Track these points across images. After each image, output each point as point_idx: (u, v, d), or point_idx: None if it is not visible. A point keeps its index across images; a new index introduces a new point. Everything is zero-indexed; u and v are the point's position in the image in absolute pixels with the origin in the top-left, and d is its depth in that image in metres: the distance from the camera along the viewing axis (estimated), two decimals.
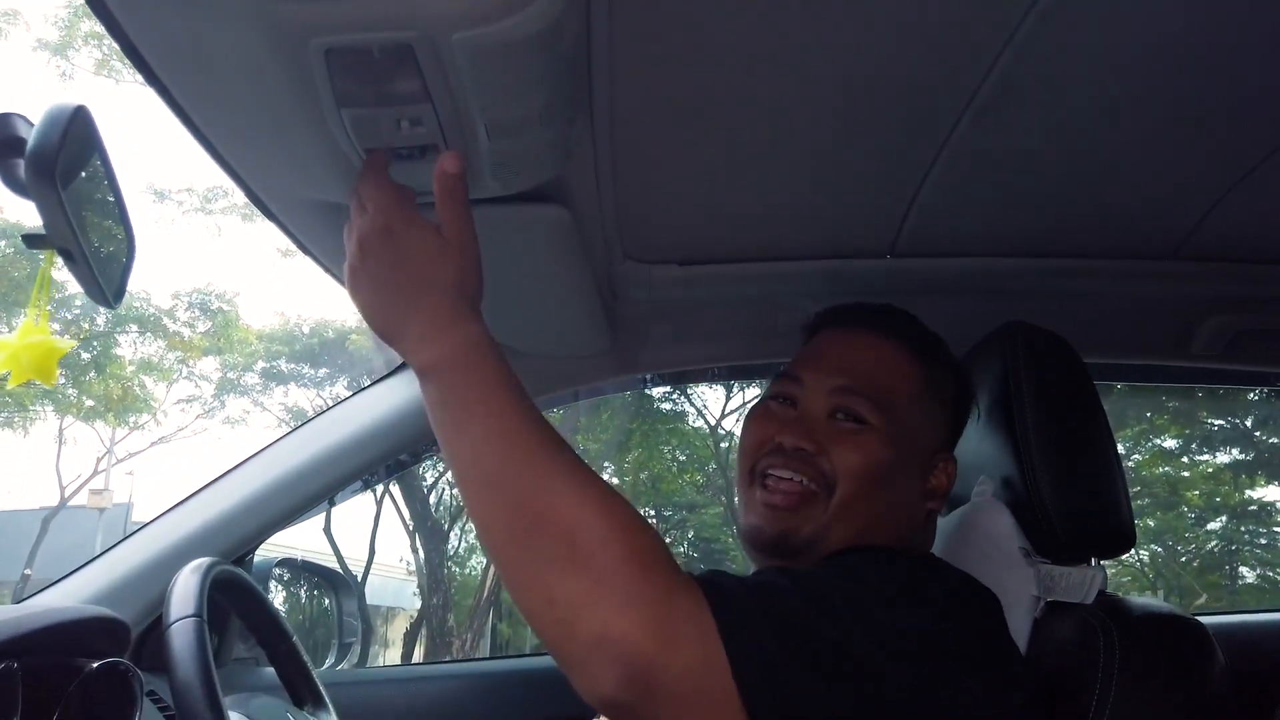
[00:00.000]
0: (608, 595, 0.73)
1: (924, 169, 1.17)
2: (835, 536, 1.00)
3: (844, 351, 1.09)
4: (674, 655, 0.73)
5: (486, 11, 0.74)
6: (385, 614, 14.39)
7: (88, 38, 11.16)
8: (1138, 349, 1.56)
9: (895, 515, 1.03)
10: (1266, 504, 10.86)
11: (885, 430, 1.02)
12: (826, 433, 1.02)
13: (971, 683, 0.84)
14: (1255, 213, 1.27)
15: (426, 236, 0.82)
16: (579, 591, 0.74)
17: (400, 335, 0.83)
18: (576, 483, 0.78)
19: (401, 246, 0.82)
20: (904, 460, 1.03)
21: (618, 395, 10.81)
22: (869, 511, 1.01)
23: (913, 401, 1.06)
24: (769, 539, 1.01)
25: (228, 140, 0.96)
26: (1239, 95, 1.03)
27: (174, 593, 1.05)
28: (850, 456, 1.00)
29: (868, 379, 1.04)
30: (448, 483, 11.83)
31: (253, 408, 12.89)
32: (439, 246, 0.82)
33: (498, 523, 0.78)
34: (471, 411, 0.80)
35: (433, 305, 0.81)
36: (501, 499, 0.78)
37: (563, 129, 0.94)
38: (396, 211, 0.83)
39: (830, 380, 1.05)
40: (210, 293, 12.19)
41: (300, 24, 0.74)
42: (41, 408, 11.99)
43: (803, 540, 1.00)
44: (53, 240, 0.82)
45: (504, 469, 0.78)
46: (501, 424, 0.79)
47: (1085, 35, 0.93)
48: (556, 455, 0.79)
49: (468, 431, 0.80)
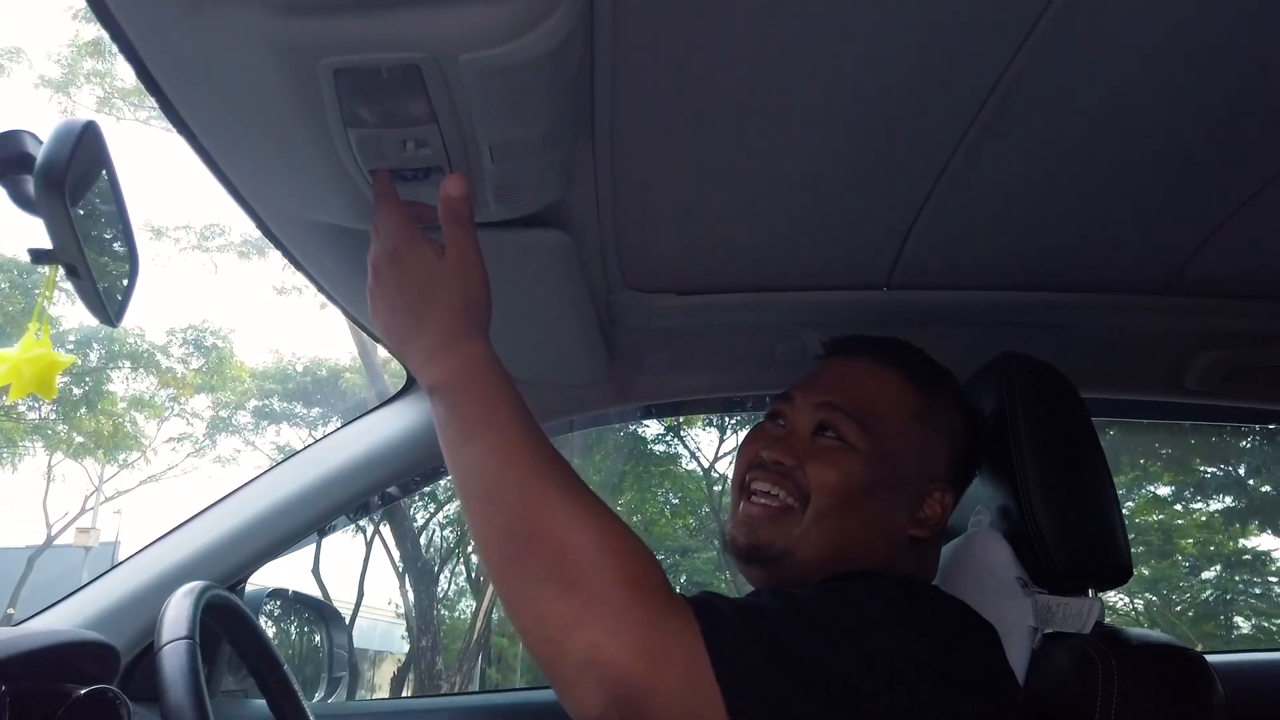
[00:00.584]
0: (597, 616, 0.74)
1: (919, 202, 1.18)
2: (810, 550, 1.01)
3: (838, 374, 1.11)
4: (662, 678, 0.73)
5: (494, 34, 0.75)
6: (373, 657, 14.19)
7: (90, 76, 11.27)
8: (1132, 384, 1.56)
9: (874, 537, 1.04)
10: (1261, 553, 10.83)
11: (869, 452, 1.03)
12: (807, 449, 1.05)
13: (966, 708, 0.83)
14: (1247, 248, 1.29)
15: (430, 258, 0.85)
16: (569, 611, 0.74)
17: (409, 353, 0.86)
18: (571, 502, 0.78)
19: (408, 268, 0.85)
20: (888, 484, 1.04)
21: (611, 436, 10.80)
22: (844, 529, 1.02)
23: (904, 428, 1.07)
24: (742, 548, 1.04)
25: (234, 161, 0.98)
26: (1231, 130, 1.05)
27: (166, 616, 1.05)
28: (826, 473, 1.02)
29: (855, 400, 1.06)
30: (438, 524, 11.76)
31: (244, 446, 12.82)
32: (443, 268, 0.85)
33: (494, 539, 0.79)
34: (472, 428, 0.81)
35: (438, 325, 0.84)
36: (498, 516, 0.79)
37: (565, 153, 0.95)
38: (404, 235, 0.86)
39: (817, 398, 1.07)
40: (205, 329, 12.20)
41: (310, 44, 0.75)
42: (31, 444, 11.91)
43: (776, 551, 1.02)
44: (59, 256, 0.83)
45: (501, 486, 0.79)
46: (500, 441, 0.80)
47: (1079, 70, 0.95)
48: (553, 474, 0.79)
49: (469, 447, 0.81)
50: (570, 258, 1.15)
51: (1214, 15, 0.89)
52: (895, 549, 1.05)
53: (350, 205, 0.98)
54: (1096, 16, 0.88)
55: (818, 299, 1.41)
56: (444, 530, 11.88)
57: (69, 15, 11.62)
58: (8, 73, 11.20)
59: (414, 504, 11.26)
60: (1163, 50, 0.93)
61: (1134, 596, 11.17)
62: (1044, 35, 0.89)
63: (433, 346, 0.84)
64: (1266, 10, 0.88)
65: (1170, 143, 1.08)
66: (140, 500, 15.96)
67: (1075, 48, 0.91)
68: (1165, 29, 0.90)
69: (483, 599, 10.88)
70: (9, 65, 11.14)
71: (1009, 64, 0.93)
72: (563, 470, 0.80)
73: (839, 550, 1.01)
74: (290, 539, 1.53)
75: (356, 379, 11.85)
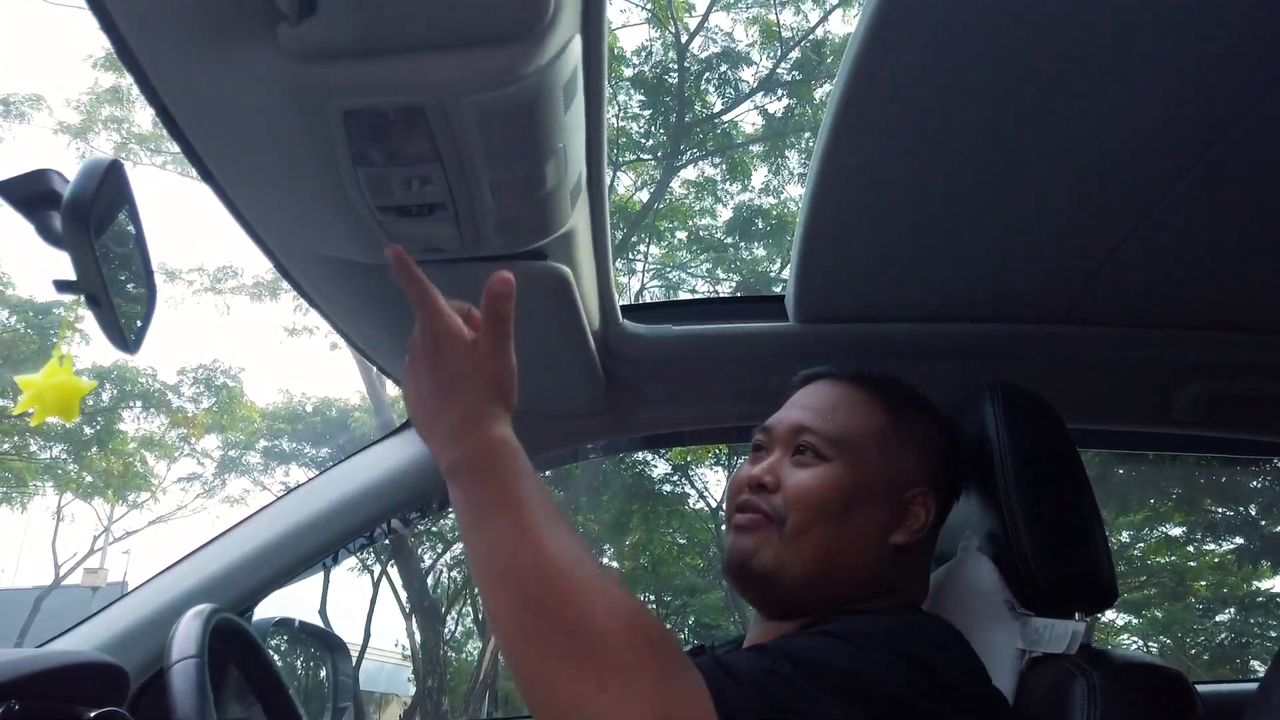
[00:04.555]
0: (609, 690, 0.74)
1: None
2: (797, 567, 1.05)
3: (808, 399, 1.17)
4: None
5: (494, 78, 0.81)
6: (379, 700, 14.06)
7: (108, 122, 11.48)
8: (1118, 415, 1.59)
9: (857, 548, 1.07)
10: (1275, 594, 10.69)
11: (843, 465, 1.08)
12: (787, 468, 1.10)
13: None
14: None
15: (461, 349, 0.86)
16: (580, 685, 0.75)
17: (432, 436, 0.88)
18: (583, 579, 0.79)
19: (440, 354, 0.87)
20: (864, 495, 1.08)
21: (618, 477, 10.77)
22: (822, 542, 1.05)
23: (876, 440, 1.11)
24: (734, 568, 1.08)
25: (249, 198, 1.03)
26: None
27: (176, 636, 1.07)
28: (801, 488, 1.07)
29: (826, 418, 1.12)
30: (445, 565, 11.71)
31: (253, 487, 12.84)
32: (476, 359, 0.87)
33: (509, 618, 0.80)
34: (487, 511, 0.83)
35: (459, 411, 0.86)
36: (511, 598, 0.80)
37: (564, 189, 1.00)
38: (440, 323, 0.87)
39: (791, 423, 1.14)
40: (216, 369, 12.28)
41: (323, 87, 0.81)
42: (41, 483, 11.95)
43: (764, 568, 1.05)
44: (82, 287, 0.87)
45: (515, 565, 0.80)
46: (515, 521, 0.81)
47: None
48: (569, 556, 0.80)
49: (483, 530, 0.83)
50: (569, 290, 1.20)
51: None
52: (880, 560, 1.08)
53: (359, 240, 1.03)
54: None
55: (816, 331, 1.46)
56: (451, 571, 11.84)
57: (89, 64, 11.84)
58: (28, 119, 11.42)
59: (421, 544, 11.24)
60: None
61: (1148, 640, 11.03)
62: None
63: (454, 430, 0.86)
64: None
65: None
66: (149, 540, 15.96)
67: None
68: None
69: (489, 640, 10.80)
70: (30, 112, 11.38)
71: (1232, 122, 0.99)
72: (578, 549, 0.82)
73: (825, 565, 1.05)
74: (297, 567, 1.56)
75: (365, 418, 11.89)
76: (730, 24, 14.98)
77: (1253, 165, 1.09)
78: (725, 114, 10.87)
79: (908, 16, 0.92)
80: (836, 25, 10.50)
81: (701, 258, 11.31)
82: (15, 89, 18.14)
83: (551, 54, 0.81)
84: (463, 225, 0.99)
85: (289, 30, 0.75)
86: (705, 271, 11.30)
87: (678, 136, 10.67)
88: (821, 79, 10.42)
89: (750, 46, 10.59)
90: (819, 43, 10.48)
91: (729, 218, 11.05)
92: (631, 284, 10.80)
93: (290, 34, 0.76)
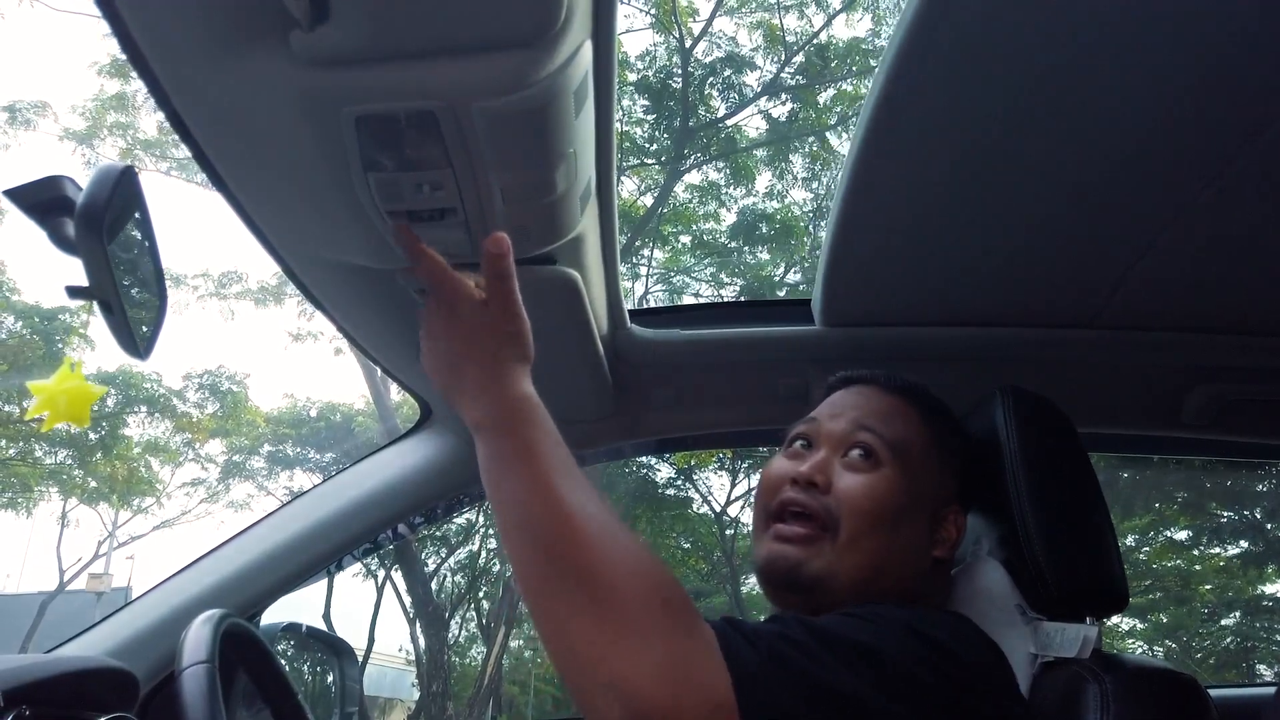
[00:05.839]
0: (623, 643, 0.75)
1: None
2: (845, 575, 1.03)
3: (861, 401, 1.14)
4: (683, 702, 0.74)
5: (504, 84, 0.81)
6: (382, 705, 14.05)
7: (113, 128, 11.51)
8: (1129, 418, 1.59)
9: (903, 559, 1.06)
10: None
11: (896, 475, 1.06)
12: (837, 470, 1.07)
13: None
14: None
15: (473, 310, 0.90)
16: (597, 640, 0.76)
17: (455, 396, 0.91)
18: (600, 532, 0.80)
19: (455, 315, 0.90)
20: (913, 507, 1.07)
21: (623, 480, 10.77)
22: (875, 552, 1.04)
23: (923, 454, 1.10)
24: (780, 573, 1.05)
25: (259, 203, 1.03)
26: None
27: (186, 641, 1.08)
28: (858, 495, 1.05)
29: (884, 422, 1.10)
30: (449, 569, 11.70)
31: (257, 492, 12.85)
32: (488, 317, 0.90)
33: (528, 570, 0.81)
34: (510, 465, 0.85)
35: (479, 370, 0.89)
36: (532, 548, 0.81)
37: (573, 195, 1.00)
38: (449, 289, 0.90)
39: (847, 420, 1.11)
40: (221, 374, 12.30)
41: (334, 92, 0.81)
42: (46, 488, 11.96)
43: (812, 576, 1.03)
44: (94, 292, 0.87)
45: (536, 517, 0.82)
46: (535, 477, 0.83)
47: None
48: (585, 508, 0.81)
49: (507, 483, 0.84)
50: (578, 294, 1.20)
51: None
52: (919, 571, 1.08)
53: (369, 245, 1.03)
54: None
55: (827, 334, 1.46)
56: (455, 575, 11.84)
57: (94, 70, 11.87)
58: (34, 126, 11.45)
59: (425, 549, 11.24)
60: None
61: (1153, 644, 11.01)
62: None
63: (476, 389, 0.88)
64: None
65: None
66: (153, 546, 15.96)
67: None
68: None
69: (494, 645, 10.80)
70: (35, 119, 11.40)
71: (1256, 132, 1.00)
72: (595, 502, 0.83)
73: (873, 573, 1.03)
74: (305, 572, 1.56)
75: (369, 422, 11.89)
76: (734, 28, 15.09)
77: (1274, 174, 1.09)
78: (729, 119, 10.90)
79: (941, 28, 0.93)
80: (840, 30, 10.53)
81: (705, 262, 11.32)
82: (21, 96, 18.20)
83: (562, 60, 0.81)
84: (473, 230, 0.99)
85: (302, 36, 0.76)
86: (709, 276, 11.31)
87: (681, 141, 10.68)
88: (825, 83, 10.44)
89: (754, 51, 10.62)
90: (823, 47, 10.49)
91: (733, 222, 11.08)
92: (636, 288, 10.81)
93: (303, 40, 0.76)
